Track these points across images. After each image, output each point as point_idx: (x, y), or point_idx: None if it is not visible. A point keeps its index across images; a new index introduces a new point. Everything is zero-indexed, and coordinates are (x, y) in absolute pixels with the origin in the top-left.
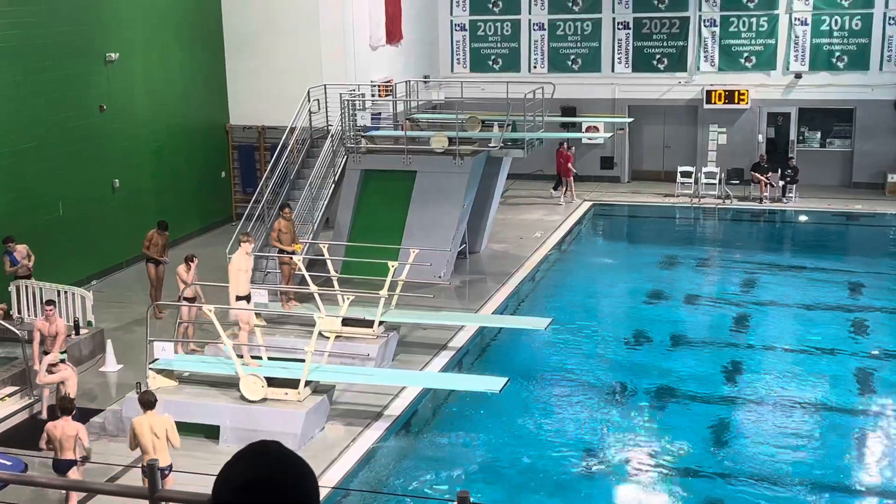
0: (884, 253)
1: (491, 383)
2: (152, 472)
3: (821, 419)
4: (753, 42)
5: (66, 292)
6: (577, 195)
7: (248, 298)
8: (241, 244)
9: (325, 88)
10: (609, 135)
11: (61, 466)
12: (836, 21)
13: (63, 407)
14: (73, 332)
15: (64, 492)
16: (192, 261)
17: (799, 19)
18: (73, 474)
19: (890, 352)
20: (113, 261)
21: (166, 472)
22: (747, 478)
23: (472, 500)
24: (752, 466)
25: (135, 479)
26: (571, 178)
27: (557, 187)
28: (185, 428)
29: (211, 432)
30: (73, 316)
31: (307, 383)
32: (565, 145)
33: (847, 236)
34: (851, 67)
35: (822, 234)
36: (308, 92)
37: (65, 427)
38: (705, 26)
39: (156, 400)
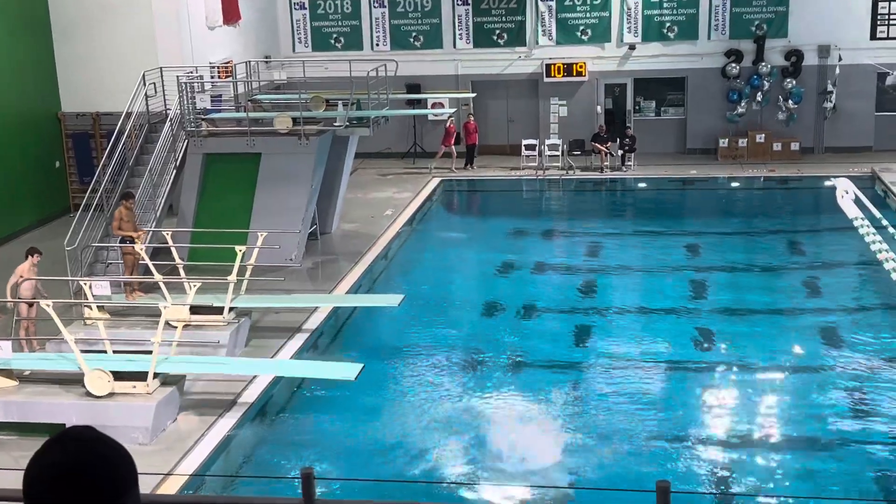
0: (718, 214)
1: (346, 371)
2: None
3: (671, 376)
4: (588, 15)
5: None
6: (429, 168)
7: None
8: None
9: (162, 71)
10: (454, 110)
11: None
12: None
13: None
14: None
15: None
16: (33, 255)
17: None
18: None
19: (730, 308)
20: None
21: None
22: (605, 436)
23: (316, 476)
24: (609, 425)
25: None
26: (449, 148)
27: (471, 162)
28: (28, 429)
29: (56, 432)
30: None
31: (156, 375)
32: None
33: (684, 200)
34: (682, 37)
35: (660, 200)
36: (143, 75)
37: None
38: (542, 1)
39: None
